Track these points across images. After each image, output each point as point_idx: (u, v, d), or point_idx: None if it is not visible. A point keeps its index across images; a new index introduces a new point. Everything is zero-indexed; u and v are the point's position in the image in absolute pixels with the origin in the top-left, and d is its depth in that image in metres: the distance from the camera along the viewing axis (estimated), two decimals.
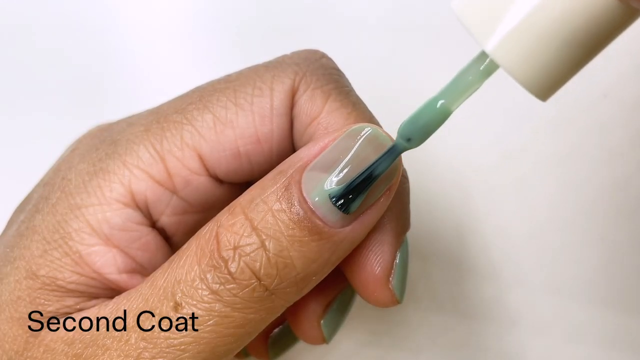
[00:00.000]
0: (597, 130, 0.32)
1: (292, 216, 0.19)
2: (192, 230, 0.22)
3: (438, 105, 0.18)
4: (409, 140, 0.19)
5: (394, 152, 0.19)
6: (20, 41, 0.36)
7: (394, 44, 0.34)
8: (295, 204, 0.19)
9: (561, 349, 0.31)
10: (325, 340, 0.24)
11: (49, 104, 0.35)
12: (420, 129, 0.18)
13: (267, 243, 0.18)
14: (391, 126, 0.22)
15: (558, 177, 0.31)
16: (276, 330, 0.26)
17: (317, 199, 0.19)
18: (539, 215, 0.31)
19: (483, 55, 0.18)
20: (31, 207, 0.22)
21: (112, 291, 0.21)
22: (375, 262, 0.21)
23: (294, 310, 0.23)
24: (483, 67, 0.18)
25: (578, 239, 0.31)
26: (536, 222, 0.31)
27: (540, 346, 0.31)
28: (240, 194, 0.21)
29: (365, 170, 0.19)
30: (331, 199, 0.19)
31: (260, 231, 0.19)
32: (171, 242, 0.23)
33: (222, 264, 0.19)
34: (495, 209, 0.31)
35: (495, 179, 0.32)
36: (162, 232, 0.22)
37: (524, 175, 0.32)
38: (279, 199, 0.19)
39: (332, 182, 0.19)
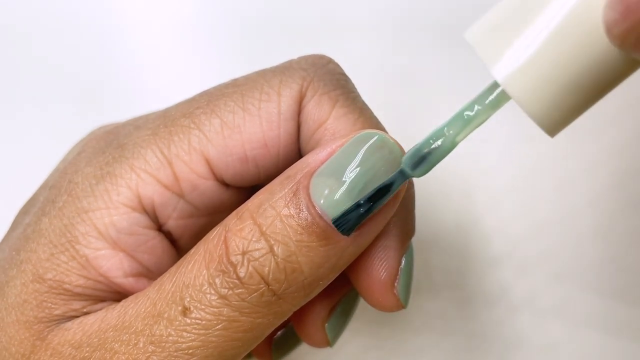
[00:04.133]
0: (597, 130, 0.32)
1: (300, 221, 0.19)
2: (198, 233, 0.23)
3: (447, 135, 0.18)
4: (414, 169, 0.19)
5: (400, 179, 0.19)
6: (22, 43, 0.36)
7: (398, 48, 0.34)
8: (304, 210, 0.19)
9: (566, 345, 0.31)
10: (329, 343, 0.24)
11: (50, 106, 0.35)
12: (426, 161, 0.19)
13: (275, 248, 0.19)
14: (395, 131, 0.22)
15: (558, 177, 0.32)
16: (280, 332, 0.26)
17: (324, 204, 0.19)
18: (541, 217, 0.31)
19: (495, 85, 0.18)
20: (37, 210, 0.22)
21: (119, 294, 0.21)
22: (380, 268, 0.21)
23: (298, 314, 0.23)
24: (493, 97, 0.18)
25: (578, 237, 0.31)
26: (538, 224, 0.31)
27: (545, 347, 0.31)
28: (246, 197, 0.21)
29: (371, 198, 0.19)
30: (333, 221, 0.19)
31: (269, 236, 0.19)
32: (177, 245, 0.23)
33: (230, 268, 0.19)
34: (498, 212, 0.32)
35: (498, 181, 0.32)
36: (168, 236, 0.22)
37: (526, 178, 0.32)
38: (287, 204, 0.19)
39: (340, 188, 0.19)
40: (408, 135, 0.24)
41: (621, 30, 0.15)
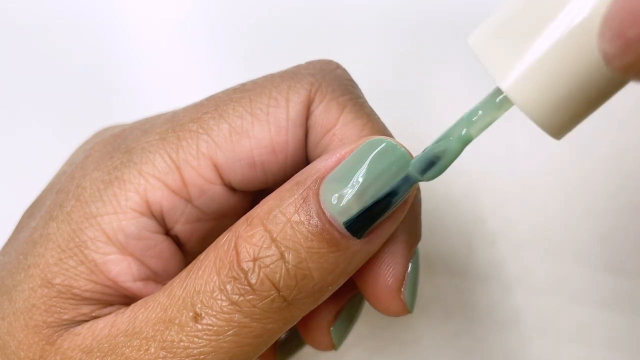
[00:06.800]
0: (597, 129, 0.32)
1: (310, 228, 0.19)
2: (204, 237, 0.23)
3: (454, 138, 0.19)
4: (423, 174, 0.19)
5: (406, 185, 0.19)
6: (22, 42, 0.36)
7: (403, 52, 0.34)
8: (314, 216, 0.19)
9: (573, 346, 0.31)
10: (334, 346, 0.24)
11: (50, 106, 0.35)
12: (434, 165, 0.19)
13: (286, 255, 0.19)
14: (400, 137, 0.22)
15: (564, 178, 0.32)
16: (284, 335, 0.26)
17: (334, 210, 0.19)
18: (546, 220, 0.32)
19: (498, 90, 0.18)
20: (44, 214, 0.22)
21: (127, 298, 0.21)
22: (387, 273, 0.21)
23: (304, 318, 0.23)
24: (497, 101, 0.18)
25: (584, 242, 0.31)
26: (544, 227, 0.31)
27: (550, 348, 0.31)
28: (252, 202, 0.21)
29: (378, 201, 0.19)
30: (344, 224, 0.19)
31: (280, 243, 0.19)
32: (184, 249, 0.23)
33: (241, 275, 0.19)
34: (502, 216, 0.32)
35: (503, 184, 0.32)
36: (176, 240, 0.22)
37: (531, 180, 0.32)
38: (298, 210, 0.19)
39: (349, 194, 0.19)
40: (414, 140, 0.24)
41: (623, 64, 0.14)
